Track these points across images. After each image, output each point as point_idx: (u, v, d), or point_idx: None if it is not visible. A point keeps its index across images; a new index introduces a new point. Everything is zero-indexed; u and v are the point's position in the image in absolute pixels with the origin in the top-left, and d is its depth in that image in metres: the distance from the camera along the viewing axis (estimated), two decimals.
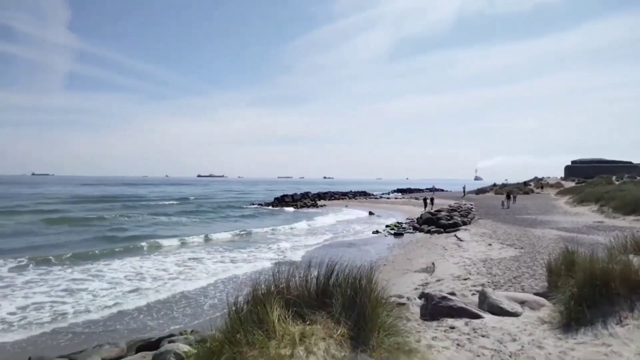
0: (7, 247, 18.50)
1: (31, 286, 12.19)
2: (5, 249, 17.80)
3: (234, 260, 16.20)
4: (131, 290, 11.83)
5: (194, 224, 29.98)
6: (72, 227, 26.22)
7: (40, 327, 9.09)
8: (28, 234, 23.13)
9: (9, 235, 22.27)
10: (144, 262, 15.81)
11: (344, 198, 63.08)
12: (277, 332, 3.10)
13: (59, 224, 27.62)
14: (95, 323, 9.45)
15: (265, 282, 3.52)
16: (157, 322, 9.53)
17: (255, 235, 23.76)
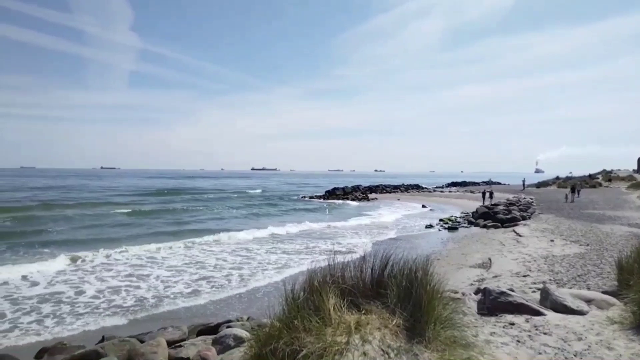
0: (89, 237, 20.01)
1: (105, 273, 13.18)
2: (87, 240, 19.28)
3: (298, 252, 16.58)
4: (200, 278, 12.52)
5: (254, 216, 30.36)
6: (149, 219, 27.73)
7: (117, 309, 9.87)
8: (105, 225, 24.74)
9: (92, 227, 23.95)
10: (210, 250, 16.66)
11: (396, 191, 62.25)
12: (333, 320, 3.16)
13: (137, 215, 29.34)
14: (159, 307, 10.09)
15: (321, 272, 3.59)
16: (219, 309, 10.00)
17: (312, 229, 23.89)
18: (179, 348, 6.45)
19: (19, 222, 24.02)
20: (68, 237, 19.67)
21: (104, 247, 16.53)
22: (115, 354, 6.08)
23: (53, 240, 18.50)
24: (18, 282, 11.94)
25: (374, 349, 2.97)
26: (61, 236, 20.07)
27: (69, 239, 19.04)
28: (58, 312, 9.70)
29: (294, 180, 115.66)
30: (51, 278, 12.39)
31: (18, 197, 42.78)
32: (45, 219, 25.82)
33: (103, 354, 5.97)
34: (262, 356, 2.98)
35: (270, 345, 2.94)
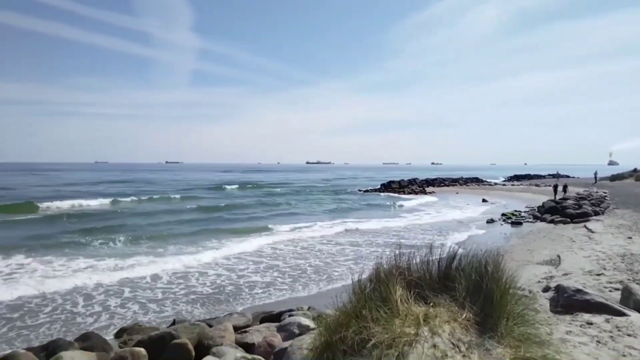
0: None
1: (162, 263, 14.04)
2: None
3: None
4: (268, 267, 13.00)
5: (324, 213, 29.80)
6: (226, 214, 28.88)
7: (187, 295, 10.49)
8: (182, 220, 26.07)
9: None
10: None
11: (454, 185, 60.36)
12: (400, 311, 3.15)
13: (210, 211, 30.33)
14: (223, 292, 10.58)
15: (387, 263, 3.59)
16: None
17: (374, 224, 23.87)
18: (244, 333, 6.73)
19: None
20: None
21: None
22: (187, 336, 6.45)
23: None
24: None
25: (443, 341, 2.94)
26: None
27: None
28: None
29: (348, 174, 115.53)
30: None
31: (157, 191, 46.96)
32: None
33: (176, 336, 6.35)
34: (331, 344, 3.05)
35: (340, 333, 3.00)
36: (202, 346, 6.37)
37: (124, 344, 7.23)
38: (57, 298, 10.20)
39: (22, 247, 15.11)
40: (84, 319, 9.01)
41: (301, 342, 3.40)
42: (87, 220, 22.94)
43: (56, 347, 6.41)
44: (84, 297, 10.30)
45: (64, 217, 23.90)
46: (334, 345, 3.01)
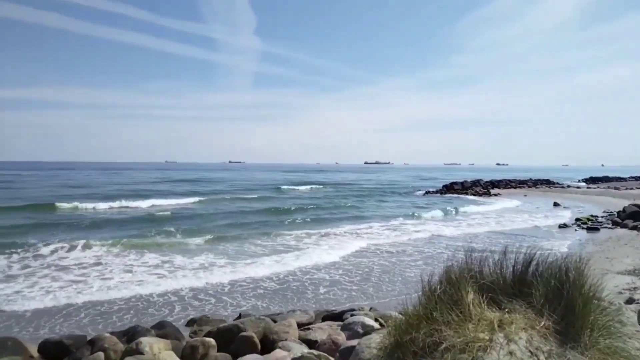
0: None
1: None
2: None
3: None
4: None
5: (385, 214, 28.75)
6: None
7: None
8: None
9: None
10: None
11: (522, 186, 57.19)
12: (473, 315, 3.07)
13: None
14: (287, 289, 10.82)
15: (458, 266, 3.51)
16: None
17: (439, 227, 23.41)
18: (307, 330, 6.84)
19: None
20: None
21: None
22: (253, 330, 6.68)
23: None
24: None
25: (520, 349, 2.81)
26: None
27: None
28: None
29: (407, 174, 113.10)
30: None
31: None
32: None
33: (243, 329, 6.61)
34: (401, 344, 3.03)
35: (410, 334, 2.97)
36: (267, 340, 6.57)
37: (195, 334, 7.63)
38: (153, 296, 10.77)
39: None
40: (158, 310, 9.61)
41: (369, 341, 3.41)
42: (177, 219, 24.07)
43: (135, 332, 6.91)
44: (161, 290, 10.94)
45: (151, 215, 25.52)
46: (404, 345, 2.99)
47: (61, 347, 6.63)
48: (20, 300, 9.71)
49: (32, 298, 9.91)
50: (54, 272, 12.15)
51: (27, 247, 14.94)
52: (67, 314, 9.05)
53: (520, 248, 3.79)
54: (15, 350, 6.29)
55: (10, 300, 9.70)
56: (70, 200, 30.57)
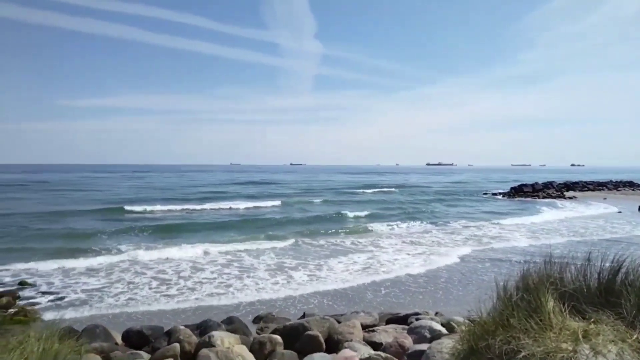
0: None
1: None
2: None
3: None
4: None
5: (449, 217, 28.09)
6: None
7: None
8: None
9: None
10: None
11: (601, 189, 52.87)
12: (554, 325, 2.90)
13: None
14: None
15: (536, 271, 3.33)
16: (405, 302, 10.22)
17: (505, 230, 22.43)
18: (372, 332, 6.82)
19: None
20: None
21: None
22: (318, 329, 6.78)
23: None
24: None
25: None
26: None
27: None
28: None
29: (474, 176, 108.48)
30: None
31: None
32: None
33: (308, 328, 6.72)
34: (475, 350, 2.94)
35: (486, 340, 2.87)
36: (332, 340, 6.63)
37: (261, 331, 7.88)
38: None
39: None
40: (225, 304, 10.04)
41: (440, 346, 3.34)
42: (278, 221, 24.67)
43: (207, 326, 7.27)
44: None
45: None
46: (479, 352, 2.90)
47: (142, 337, 7.14)
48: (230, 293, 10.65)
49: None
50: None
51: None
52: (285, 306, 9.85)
53: (605, 255, 3.53)
54: (103, 337, 6.87)
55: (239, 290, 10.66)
56: (173, 202, 32.96)
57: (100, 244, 16.53)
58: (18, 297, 10.22)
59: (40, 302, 10.08)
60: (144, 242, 17.11)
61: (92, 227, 20.75)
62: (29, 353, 2.76)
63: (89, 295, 10.59)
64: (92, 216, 24.83)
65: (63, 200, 34.24)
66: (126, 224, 21.86)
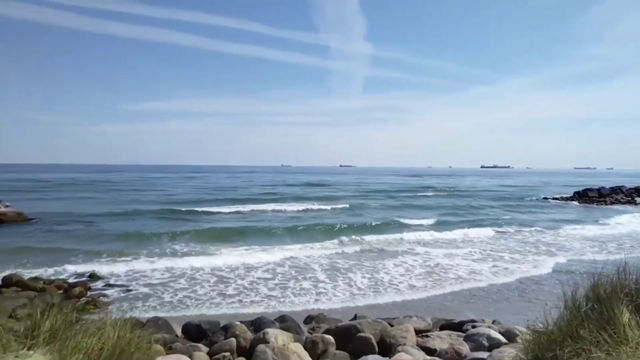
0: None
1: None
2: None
3: None
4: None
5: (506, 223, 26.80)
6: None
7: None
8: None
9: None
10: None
11: None
12: (630, 338, 2.72)
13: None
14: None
15: (609, 281, 3.14)
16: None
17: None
18: (425, 337, 6.69)
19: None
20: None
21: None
22: (370, 331, 6.75)
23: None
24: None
25: None
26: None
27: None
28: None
29: (532, 179, 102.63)
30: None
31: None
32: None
33: (360, 329, 6.71)
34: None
35: (553, 351, 2.74)
36: (385, 343, 6.58)
37: (313, 330, 7.97)
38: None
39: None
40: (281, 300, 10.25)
41: (502, 355, 3.23)
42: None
43: (261, 323, 7.47)
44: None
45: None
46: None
47: (200, 330, 7.46)
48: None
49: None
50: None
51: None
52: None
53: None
54: (165, 328, 7.24)
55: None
56: (234, 203, 34.17)
57: (163, 242, 17.40)
58: (89, 288, 11.01)
59: (108, 293, 10.81)
60: (205, 242, 17.71)
61: (156, 226, 21.90)
62: (106, 339, 2.99)
63: (152, 289, 11.21)
64: (155, 216, 26.00)
65: (128, 199, 36.31)
66: (189, 224, 22.89)
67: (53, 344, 2.96)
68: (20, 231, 19.58)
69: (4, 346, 2.85)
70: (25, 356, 2.81)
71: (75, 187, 50.48)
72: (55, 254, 14.69)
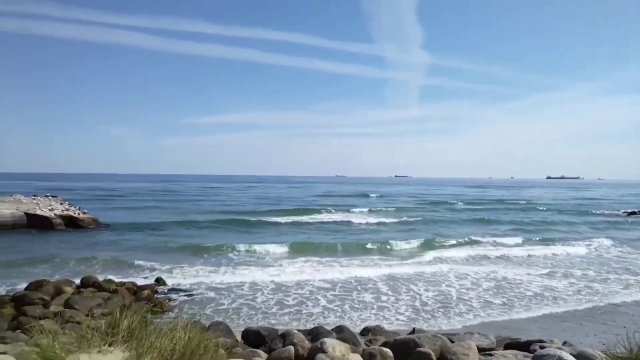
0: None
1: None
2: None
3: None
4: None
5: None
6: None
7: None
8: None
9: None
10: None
11: None
12: None
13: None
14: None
15: None
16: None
17: None
18: (489, 356, 6.41)
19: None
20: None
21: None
22: (429, 346, 6.56)
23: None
24: None
25: None
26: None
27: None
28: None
29: (608, 192, 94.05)
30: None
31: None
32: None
33: (419, 344, 6.55)
34: None
35: None
36: (444, 359, 6.37)
37: (370, 343, 7.88)
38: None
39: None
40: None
41: None
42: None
43: (318, 332, 7.50)
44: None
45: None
46: None
47: (259, 336, 7.62)
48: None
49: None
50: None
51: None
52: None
53: None
54: (226, 333, 7.48)
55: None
56: (293, 214, 35.17)
57: (224, 251, 17.88)
58: (156, 292, 11.64)
59: (173, 297, 11.38)
60: (265, 253, 18.09)
61: (217, 235, 22.90)
62: (177, 339, 3.17)
63: (213, 294, 11.67)
64: (216, 225, 26.94)
65: (190, 209, 38.03)
66: (250, 234, 23.72)
67: (130, 342, 3.17)
68: (94, 235, 21.24)
69: (88, 341, 3.10)
70: (106, 352, 3.04)
71: (142, 196, 53.82)
72: (124, 259, 15.76)
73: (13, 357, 4.82)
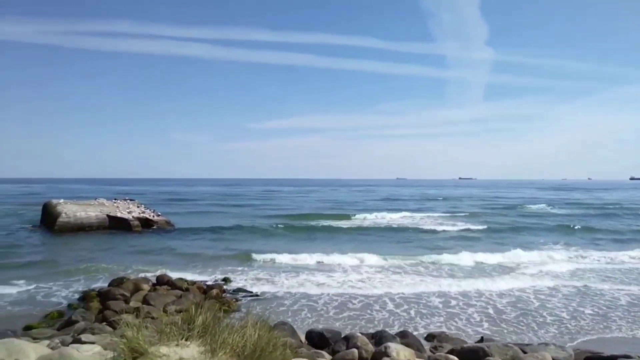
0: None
1: None
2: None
3: None
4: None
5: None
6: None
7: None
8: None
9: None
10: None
11: None
12: None
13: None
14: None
15: None
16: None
17: None
18: None
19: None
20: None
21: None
22: (500, 356, 6.29)
23: None
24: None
25: None
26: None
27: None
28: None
29: None
30: None
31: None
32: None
33: (489, 353, 6.29)
34: None
35: None
36: None
37: (435, 349, 7.69)
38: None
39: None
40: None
41: None
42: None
43: (382, 337, 7.45)
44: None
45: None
46: None
47: (322, 338, 7.72)
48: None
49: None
50: None
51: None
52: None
53: None
54: (290, 333, 7.65)
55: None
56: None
57: (287, 254, 17.92)
58: (224, 291, 12.16)
59: (240, 297, 11.82)
60: (326, 254, 18.12)
61: (281, 238, 23.44)
62: (248, 337, 3.31)
63: (277, 295, 11.98)
64: (281, 229, 27.09)
65: (253, 213, 38.95)
66: (315, 240, 24.13)
67: (205, 337, 3.36)
68: (167, 236, 22.67)
69: (167, 335, 3.33)
70: (183, 346, 3.24)
71: (210, 200, 56.33)
72: (194, 259, 16.70)
73: (101, 347, 5.29)
